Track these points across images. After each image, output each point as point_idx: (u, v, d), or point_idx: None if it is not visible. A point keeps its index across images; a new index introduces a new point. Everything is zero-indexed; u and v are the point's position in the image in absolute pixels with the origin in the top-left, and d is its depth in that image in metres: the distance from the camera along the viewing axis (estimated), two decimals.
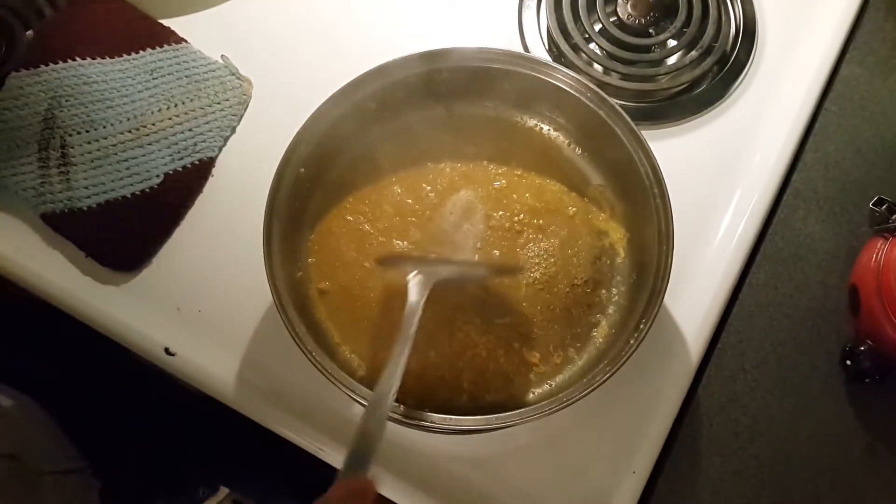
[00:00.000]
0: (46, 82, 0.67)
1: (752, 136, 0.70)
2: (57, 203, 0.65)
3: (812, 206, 0.69)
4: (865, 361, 0.61)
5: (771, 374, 0.64)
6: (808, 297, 0.66)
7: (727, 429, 0.63)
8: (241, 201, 0.67)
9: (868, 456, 0.63)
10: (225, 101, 0.70)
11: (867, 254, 0.63)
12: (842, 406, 0.63)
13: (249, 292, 0.63)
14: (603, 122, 0.60)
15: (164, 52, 0.70)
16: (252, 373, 0.63)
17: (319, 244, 0.63)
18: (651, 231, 0.58)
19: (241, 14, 0.74)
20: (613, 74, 0.71)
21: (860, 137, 0.71)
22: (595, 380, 0.53)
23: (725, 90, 0.71)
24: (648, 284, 0.57)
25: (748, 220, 0.67)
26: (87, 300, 0.64)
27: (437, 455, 0.61)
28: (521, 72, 0.62)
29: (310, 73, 0.70)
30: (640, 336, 0.53)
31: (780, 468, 0.62)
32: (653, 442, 0.61)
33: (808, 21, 0.74)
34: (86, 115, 0.67)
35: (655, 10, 0.73)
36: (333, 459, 0.60)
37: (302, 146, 0.59)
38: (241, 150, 0.69)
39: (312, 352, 0.53)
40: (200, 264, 0.66)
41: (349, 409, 0.61)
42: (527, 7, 0.74)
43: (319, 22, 0.74)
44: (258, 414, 0.62)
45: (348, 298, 0.61)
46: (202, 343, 0.63)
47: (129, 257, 0.65)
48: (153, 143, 0.67)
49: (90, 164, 0.66)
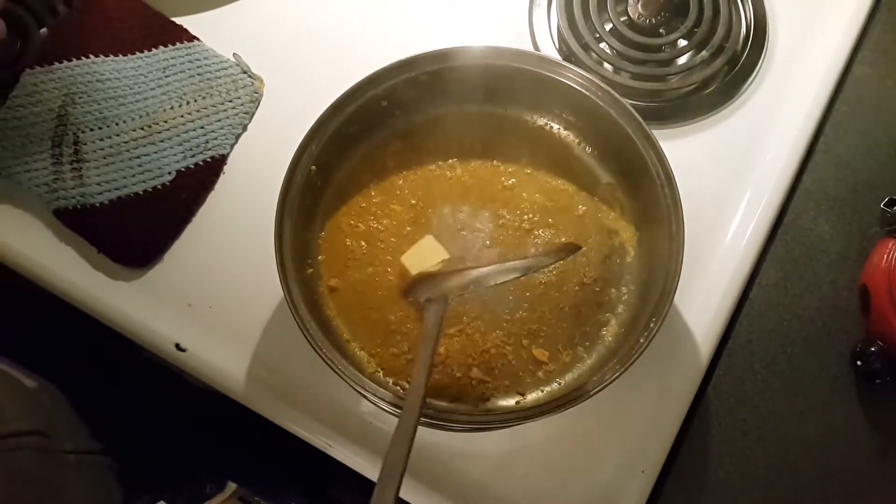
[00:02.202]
0: (60, 79, 0.67)
1: (763, 136, 0.70)
2: (69, 199, 0.65)
3: (823, 206, 0.69)
4: (876, 362, 0.61)
5: (781, 374, 0.64)
6: (819, 298, 0.66)
7: (736, 429, 0.63)
8: (253, 198, 0.67)
9: (878, 457, 0.62)
10: (237, 99, 0.70)
11: (878, 254, 0.63)
12: (852, 407, 0.63)
13: (260, 289, 0.64)
14: (614, 122, 0.60)
15: (176, 50, 0.71)
16: (262, 369, 0.63)
17: (330, 241, 0.63)
18: (661, 230, 0.58)
19: (253, 12, 0.74)
20: (624, 74, 0.71)
21: (871, 138, 0.71)
22: (605, 378, 0.53)
23: (736, 90, 0.71)
24: (658, 284, 0.57)
25: (758, 219, 0.67)
26: (98, 296, 0.65)
27: (444, 453, 0.61)
28: (532, 70, 0.62)
29: (321, 71, 0.71)
30: (649, 335, 0.53)
31: (789, 469, 0.62)
32: (662, 441, 0.61)
33: (819, 21, 0.74)
34: (98, 112, 0.67)
35: (666, 9, 0.73)
36: (342, 455, 0.61)
37: (313, 144, 0.59)
38: (253, 148, 0.70)
39: (323, 348, 0.54)
40: (211, 261, 0.66)
41: (358, 406, 0.61)
42: (537, 6, 0.74)
43: (331, 20, 0.74)
44: (268, 410, 0.62)
45: (358, 295, 0.61)
46: (213, 339, 0.64)
47: (141, 253, 0.65)
48: (165, 140, 0.67)
49: (102, 161, 0.66)
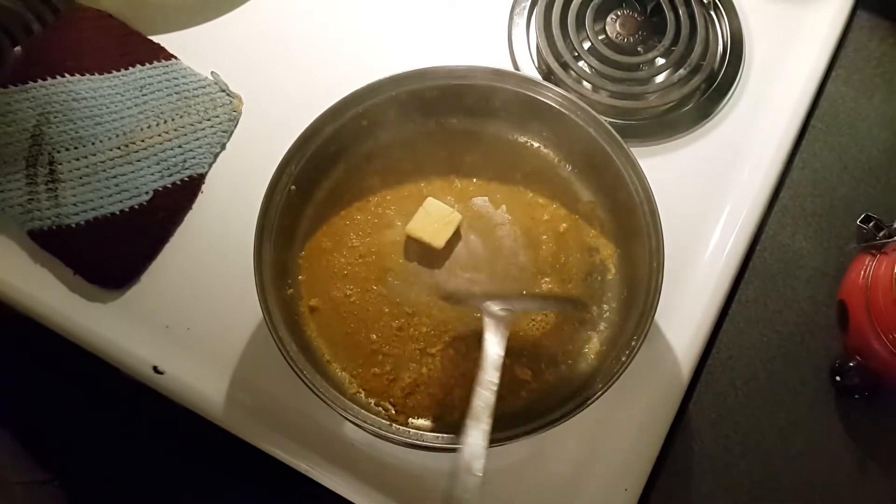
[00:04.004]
0: (35, 98, 0.67)
1: (741, 153, 0.70)
2: (44, 220, 0.64)
3: (800, 222, 0.70)
4: (855, 378, 0.62)
5: (761, 390, 0.65)
6: (797, 313, 0.67)
7: (718, 445, 0.63)
8: (231, 218, 0.67)
9: (858, 471, 0.63)
10: (215, 118, 0.69)
11: (855, 270, 0.64)
12: (832, 422, 0.64)
13: (239, 310, 0.63)
14: (593, 140, 0.61)
15: (153, 69, 0.70)
16: (241, 391, 0.62)
17: (310, 261, 0.62)
18: (641, 248, 0.58)
19: (231, 31, 0.74)
20: (602, 92, 0.71)
21: (847, 154, 0.72)
22: (587, 397, 0.53)
23: (713, 108, 0.72)
24: (639, 301, 0.57)
25: (737, 236, 0.67)
26: (74, 318, 0.63)
27: (425, 473, 0.60)
28: (511, 89, 0.62)
29: (300, 90, 0.70)
30: (631, 353, 0.54)
31: (770, 484, 0.62)
32: (644, 459, 0.61)
33: (794, 40, 0.75)
34: (74, 131, 0.66)
35: (644, 28, 0.74)
36: (323, 478, 0.60)
37: (293, 164, 0.59)
38: (231, 167, 0.69)
39: (303, 370, 0.53)
40: (189, 281, 0.65)
41: (340, 427, 0.61)
42: (516, 25, 0.75)
43: (310, 39, 0.74)
44: (247, 433, 0.61)
45: (339, 315, 0.61)
46: (191, 361, 0.63)
47: (118, 274, 0.64)
48: (142, 159, 0.67)
49: (78, 181, 0.65)
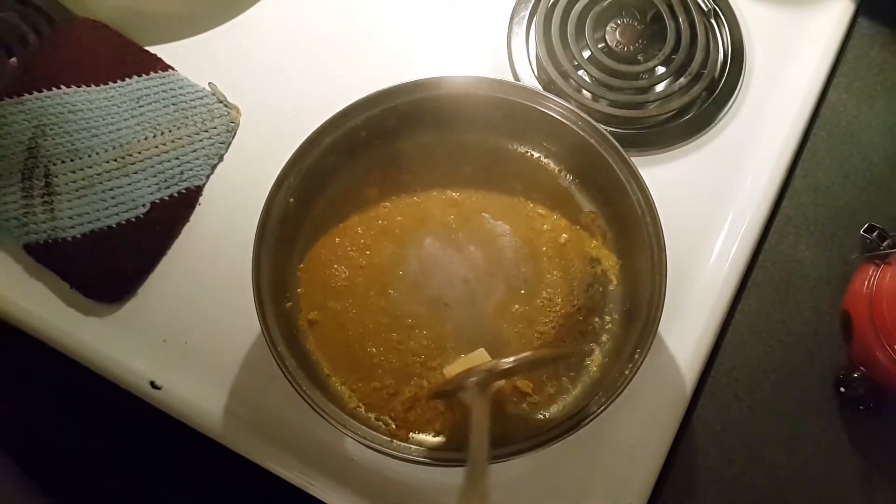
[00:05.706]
0: (30, 111, 0.66)
1: (742, 161, 0.70)
2: (40, 233, 0.63)
3: (802, 231, 0.69)
4: (859, 388, 0.61)
5: (765, 401, 0.64)
6: (801, 323, 0.66)
7: (722, 457, 0.63)
8: (229, 231, 0.66)
9: (863, 482, 0.62)
10: (212, 129, 0.69)
11: (859, 280, 0.63)
12: (836, 433, 0.63)
13: (237, 323, 0.62)
14: (594, 150, 0.60)
15: (150, 80, 0.69)
16: (240, 406, 0.61)
17: (309, 273, 0.62)
18: (643, 258, 0.58)
19: (228, 41, 0.73)
20: (602, 101, 0.71)
21: (848, 162, 0.72)
22: (590, 411, 0.52)
23: (714, 116, 0.71)
24: (642, 313, 0.56)
25: (739, 245, 0.67)
26: (70, 332, 0.63)
27: (427, 487, 0.60)
28: (511, 100, 0.62)
29: (299, 101, 0.70)
30: (634, 367, 0.53)
31: (775, 496, 0.62)
32: (648, 471, 0.60)
33: (795, 48, 0.74)
34: (70, 143, 0.66)
35: (644, 37, 0.74)
36: (324, 494, 0.59)
37: (291, 176, 0.58)
38: (229, 179, 0.68)
39: (302, 385, 0.53)
40: (187, 295, 0.64)
41: (340, 442, 0.60)
42: (515, 35, 0.74)
43: (309, 50, 0.73)
44: (246, 448, 0.60)
45: (338, 329, 0.60)
46: (189, 376, 0.62)
47: (114, 288, 0.64)
48: (139, 171, 0.66)
49: (75, 194, 0.65)
